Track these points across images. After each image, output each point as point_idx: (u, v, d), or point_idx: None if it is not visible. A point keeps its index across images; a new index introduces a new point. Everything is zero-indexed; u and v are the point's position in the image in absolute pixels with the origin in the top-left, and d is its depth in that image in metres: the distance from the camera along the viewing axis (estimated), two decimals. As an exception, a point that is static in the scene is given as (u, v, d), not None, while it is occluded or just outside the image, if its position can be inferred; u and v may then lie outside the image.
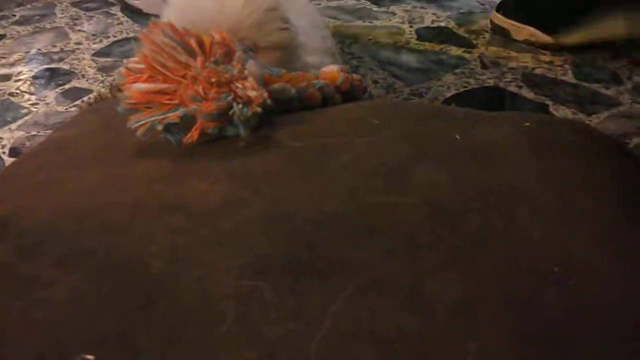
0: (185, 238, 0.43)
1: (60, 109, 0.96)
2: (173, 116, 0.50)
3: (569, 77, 1.05)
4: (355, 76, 0.62)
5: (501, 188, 0.46)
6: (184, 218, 0.44)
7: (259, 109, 0.50)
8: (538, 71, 1.06)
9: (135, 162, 0.52)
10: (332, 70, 0.60)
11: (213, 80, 0.50)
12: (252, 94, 0.50)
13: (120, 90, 0.61)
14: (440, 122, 0.52)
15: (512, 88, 1.00)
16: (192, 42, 0.52)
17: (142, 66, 0.51)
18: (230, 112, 0.50)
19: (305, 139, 0.50)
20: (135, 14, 1.31)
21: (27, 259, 0.43)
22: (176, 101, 0.50)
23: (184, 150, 0.51)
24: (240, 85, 0.50)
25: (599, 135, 0.58)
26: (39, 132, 0.90)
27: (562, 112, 0.94)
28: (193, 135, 0.50)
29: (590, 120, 0.92)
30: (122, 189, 0.49)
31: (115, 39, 1.19)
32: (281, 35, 0.65)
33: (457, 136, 0.50)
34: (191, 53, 0.52)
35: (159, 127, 0.50)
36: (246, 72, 0.52)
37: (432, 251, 0.39)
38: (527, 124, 0.52)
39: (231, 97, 0.50)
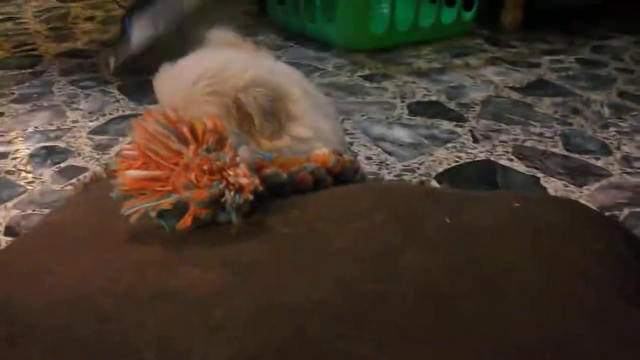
0: (176, 327, 0.43)
1: (55, 187, 0.97)
2: (166, 203, 0.50)
3: (559, 149, 1.06)
4: (347, 157, 0.62)
5: (491, 271, 0.46)
6: (176, 306, 0.44)
7: (250, 196, 0.51)
8: (528, 143, 1.08)
9: (129, 248, 0.52)
10: (323, 152, 0.61)
11: (205, 167, 0.51)
12: (243, 181, 0.51)
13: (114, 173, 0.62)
14: (430, 204, 0.52)
15: (504, 161, 1.01)
16: (185, 130, 0.53)
17: (135, 153, 0.52)
18: (223, 200, 0.51)
19: (296, 225, 0.50)
20: (131, 93, 1.33)
21: (17, 348, 0.43)
22: (169, 188, 0.51)
23: (177, 236, 0.51)
24: (232, 173, 0.51)
25: (590, 213, 0.58)
26: (34, 210, 0.91)
27: (553, 184, 0.95)
28: (186, 221, 0.51)
29: (581, 192, 0.93)
30: (115, 275, 0.49)
31: (111, 116, 1.21)
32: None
33: (447, 219, 0.50)
34: (184, 141, 0.53)
35: (153, 214, 0.50)
36: (238, 159, 0.53)
37: (421, 341, 0.39)
38: (517, 204, 0.52)
39: (223, 184, 0.51)
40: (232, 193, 0.50)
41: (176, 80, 0.70)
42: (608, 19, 1.86)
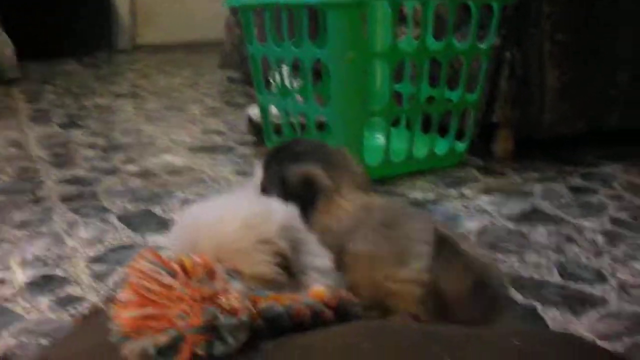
0: None
1: (53, 316, 0.97)
2: (163, 338, 0.51)
3: (555, 278, 1.07)
4: (344, 292, 0.63)
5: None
6: None
7: (245, 318, 0.52)
8: (525, 273, 1.09)
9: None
10: (319, 288, 0.62)
11: (197, 296, 0.52)
12: (236, 304, 0.52)
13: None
14: (430, 344, 0.53)
15: (500, 291, 1.02)
16: (174, 266, 0.54)
17: (131, 297, 0.53)
18: (217, 323, 0.51)
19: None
20: (131, 223, 1.35)
21: None
22: (165, 324, 0.52)
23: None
24: (223, 299, 0.53)
25: (590, 348, 0.58)
26: (30, 340, 0.90)
27: (551, 314, 0.95)
28: (184, 354, 0.51)
29: (580, 322, 0.93)
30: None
31: (110, 246, 1.22)
32: (266, 269, 0.68)
33: (448, 360, 0.50)
34: (174, 276, 0.54)
35: (151, 352, 0.51)
36: (229, 287, 0.54)
37: None
38: (517, 342, 0.52)
39: (216, 310, 0.52)
40: (226, 316, 0.51)
41: (216, 229, 0.70)
42: (595, 146, 1.92)
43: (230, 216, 0.70)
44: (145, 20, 4.61)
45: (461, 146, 1.74)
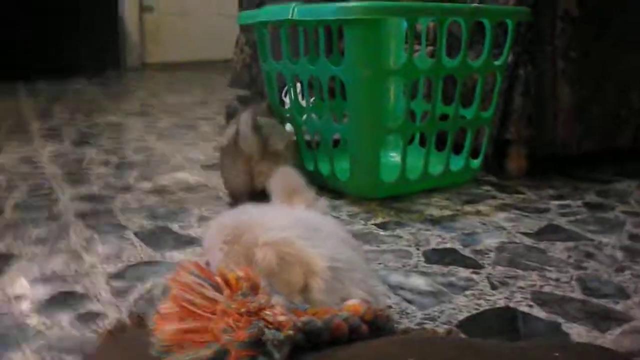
0: None
1: (74, 333, 0.96)
2: (207, 352, 0.50)
3: (577, 294, 1.07)
4: (378, 307, 0.63)
5: None
6: None
7: (290, 332, 0.52)
8: (546, 289, 1.08)
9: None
10: (354, 303, 0.62)
11: (242, 310, 0.52)
12: (282, 318, 0.52)
13: (143, 322, 0.63)
14: (474, 357, 0.52)
15: (524, 307, 1.01)
16: (218, 279, 0.54)
17: (172, 310, 0.53)
18: (263, 338, 0.51)
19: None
20: (149, 240, 1.35)
21: None
22: (209, 337, 0.51)
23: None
24: (269, 313, 0.52)
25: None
26: (53, 356, 0.90)
27: (575, 329, 0.95)
28: (228, 368, 0.51)
29: (604, 338, 0.92)
30: None
31: (129, 262, 1.22)
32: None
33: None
34: (218, 289, 0.54)
35: (195, 366, 0.50)
36: (273, 301, 0.54)
37: None
38: (557, 354, 0.52)
39: (262, 324, 0.52)
40: (272, 331, 0.51)
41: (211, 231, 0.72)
42: (609, 164, 1.92)
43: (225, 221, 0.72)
44: (154, 38, 4.64)
45: (475, 163, 1.74)
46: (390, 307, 1.02)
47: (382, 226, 1.41)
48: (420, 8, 1.61)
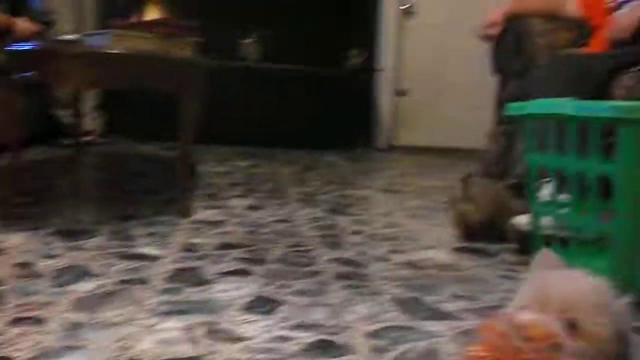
0: None
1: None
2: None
3: None
4: None
5: None
6: None
7: None
8: None
9: None
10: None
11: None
12: None
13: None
14: None
15: None
16: (526, 332, 0.57)
17: (482, 353, 0.57)
18: None
19: None
20: (404, 307, 1.41)
21: None
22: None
23: None
24: None
25: None
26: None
27: None
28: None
29: None
30: None
31: (385, 324, 1.29)
32: (604, 331, 0.68)
33: None
34: (526, 340, 0.57)
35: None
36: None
37: None
38: None
39: None
40: None
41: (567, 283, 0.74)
42: None
43: (579, 276, 0.74)
44: (405, 123, 4.83)
45: None
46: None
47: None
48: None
